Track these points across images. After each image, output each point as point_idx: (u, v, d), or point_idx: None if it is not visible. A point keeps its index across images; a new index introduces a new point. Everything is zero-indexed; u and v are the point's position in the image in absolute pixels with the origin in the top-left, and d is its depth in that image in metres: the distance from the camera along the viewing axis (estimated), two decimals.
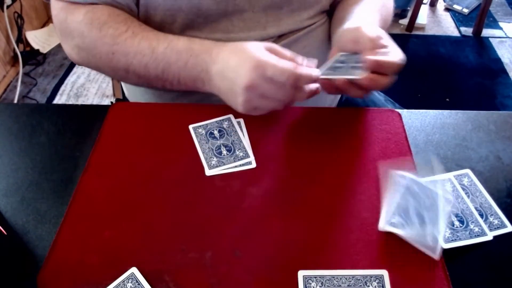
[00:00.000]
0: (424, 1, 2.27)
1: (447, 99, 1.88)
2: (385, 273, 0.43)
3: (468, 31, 2.29)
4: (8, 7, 1.89)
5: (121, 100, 0.91)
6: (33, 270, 0.44)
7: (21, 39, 2.00)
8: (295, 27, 0.68)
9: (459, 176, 0.53)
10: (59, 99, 1.86)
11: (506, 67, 2.05)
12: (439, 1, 2.52)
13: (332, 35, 0.69)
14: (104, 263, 0.45)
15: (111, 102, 0.76)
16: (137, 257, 0.45)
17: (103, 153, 0.55)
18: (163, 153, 0.55)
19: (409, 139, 0.58)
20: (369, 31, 0.55)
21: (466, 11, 2.42)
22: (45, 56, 2.07)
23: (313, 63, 0.55)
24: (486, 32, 2.27)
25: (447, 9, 2.48)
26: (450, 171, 0.53)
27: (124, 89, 0.87)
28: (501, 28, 2.32)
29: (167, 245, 0.46)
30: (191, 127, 0.58)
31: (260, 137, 0.57)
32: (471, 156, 0.56)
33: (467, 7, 2.44)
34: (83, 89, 1.92)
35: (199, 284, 0.43)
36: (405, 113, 0.62)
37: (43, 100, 1.85)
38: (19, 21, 1.97)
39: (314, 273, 0.43)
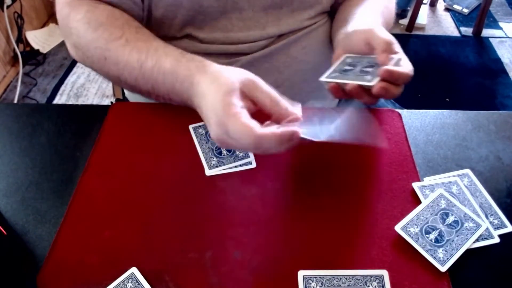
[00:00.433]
0: (424, 1, 2.26)
1: (447, 99, 1.88)
2: (385, 273, 0.43)
3: (468, 31, 2.29)
4: (8, 7, 1.89)
5: (121, 100, 0.91)
6: (33, 270, 0.44)
7: (21, 39, 2.00)
8: (295, 27, 0.68)
9: (459, 176, 0.53)
10: (59, 99, 1.86)
11: (506, 67, 2.05)
12: (439, 1, 2.52)
13: (334, 36, 0.68)
14: (104, 263, 0.45)
15: (111, 102, 0.76)
16: (137, 257, 0.45)
17: (103, 153, 0.55)
18: (163, 153, 0.55)
19: (409, 139, 0.58)
20: (383, 33, 0.54)
21: (466, 11, 2.42)
22: (45, 56, 2.07)
23: (297, 109, 0.48)
24: (486, 32, 2.27)
25: (447, 9, 2.48)
26: (450, 171, 0.53)
27: (124, 89, 0.87)
28: (501, 28, 2.32)
29: (167, 245, 0.46)
30: (191, 127, 0.58)
31: None
32: (471, 156, 0.56)
33: (467, 7, 2.43)
34: (83, 89, 1.92)
35: (199, 284, 0.43)
36: (405, 113, 0.62)
37: (43, 100, 1.85)
38: (19, 21, 1.97)
39: (314, 273, 0.43)
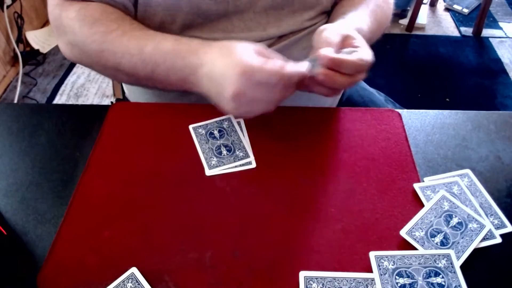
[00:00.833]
0: (424, 1, 2.26)
1: (447, 99, 1.88)
2: None
3: (468, 31, 2.29)
4: (8, 7, 1.89)
5: (121, 100, 0.91)
6: (33, 270, 0.44)
7: (21, 39, 2.00)
8: (296, 28, 0.68)
9: (459, 176, 0.53)
10: (59, 99, 1.86)
11: (506, 67, 2.05)
12: (439, 1, 2.52)
13: None
14: (104, 263, 0.45)
15: (111, 102, 0.76)
16: (137, 257, 0.45)
17: (103, 153, 0.55)
18: (163, 153, 0.55)
19: (409, 139, 0.58)
20: (329, 33, 0.54)
21: (466, 11, 2.42)
22: (45, 56, 2.07)
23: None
24: (486, 32, 2.27)
25: (447, 9, 2.48)
26: (450, 171, 0.54)
27: (124, 89, 0.87)
28: (501, 28, 2.32)
29: (167, 245, 0.46)
30: (191, 127, 0.58)
31: (260, 137, 0.57)
32: (471, 156, 0.56)
33: (467, 7, 2.44)
34: (83, 89, 1.92)
35: (199, 284, 0.43)
36: (405, 113, 0.62)
37: (43, 100, 1.85)
38: (19, 21, 1.97)
39: (315, 274, 0.43)
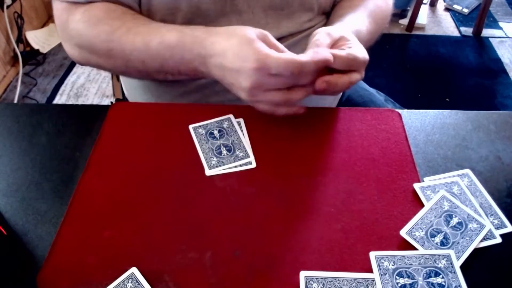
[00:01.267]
0: (424, 1, 2.26)
1: (447, 99, 1.88)
2: None
3: (468, 31, 2.29)
4: (8, 7, 1.89)
5: (121, 100, 0.91)
6: (33, 270, 0.44)
7: (21, 39, 2.00)
8: (295, 29, 0.68)
9: (459, 176, 0.53)
10: (59, 99, 1.86)
11: (506, 67, 2.05)
12: (439, 1, 2.52)
13: None
14: (104, 263, 0.45)
15: (111, 102, 0.76)
16: (137, 257, 0.45)
17: (103, 153, 0.55)
18: (163, 153, 0.55)
19: (409, 139, 0.58)
20: (320, 36, 0.54)
21: (466, 11, 2.42)
22: (45, 56, 2.07)
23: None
24: (486, 32, 2.27)
25: (447, 9, 2.48)
26: (450, 171, 0.53)
27: (123, 89, 0.87)
28: (501, 28, 2.32)
29: (167, 245, 0.46)
30: (191, 127, 0.58)
31: (260, 137, 0.57)
32: (471, 156, 0.56)
33: (467, 7, 2.44)
34: (83, 89, 1.92)
35: (199, 284, 0.43)
36: (405, 113, 0.62)
37: (43, 100, 1.85)
38: (19, 21, 1.97)
39: (315, 274, 0.43)
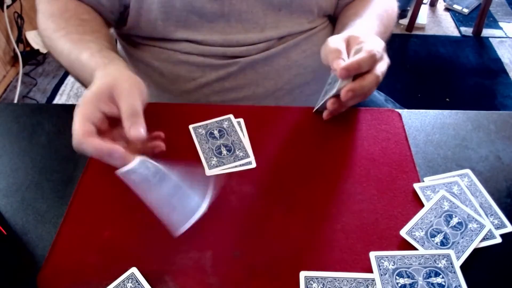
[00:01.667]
0: (424, 1, 2.26)
1: (447, 99, 1.88)
2: None
3: (468, 31, 2.29)
4: (8, 7, 1.89)
5: None
6: (33, 270, 0.44)
7: (21, 39, 2.00)
8: (295, 30, 0.68)
9: (459, 176, 0.53)
10: (59, 99, 1.86)
11: (506, 67, 2.05)
12: (439, 1, 2.52)
13: None
14: (104, 263, 0.45)
15: None
16: (137, 257, 0.45)
17: None
18: (163, 153, 0.55)
19: (409, 139, 0.58)
20: (333, 43, 0.54)
21: (466, 11, 2.42)
22: (45, 56, 2.07)
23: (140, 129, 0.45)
24: (486, 32, 2.27)
25: (447, 9, 2.48)
26: (450, 171, 0.53)
27: None
28: (501, 28, 2.32)
29: (167, 245, 0.46)
30: (191, 127, 0.58)
31: (260, 137, 0.57)
32: (471, 156, 0.56)
33: (467, 7, 2.43)
34: (83, 89, 1.91)
35: (199, 284, 0.43)
36: (405, 113, 0.62)
37: (43, 100, 1.85)
38: (19, 21, 1.97)
39: (315, 274, 0.43)
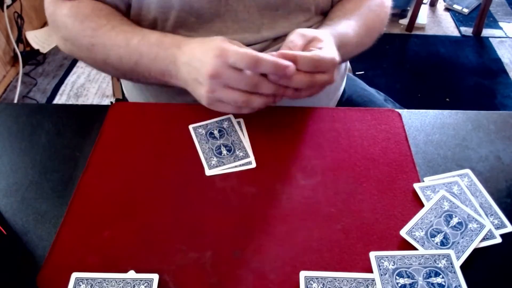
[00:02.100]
0: (424, 1, 2.26)
1: (447, 99, 1.88)
2: None
3: (468, 31, 2.29)
4: (8, 7, 1.89)
5: (121, 100, 0.91)
6: (33, 270, 0.44)
7: (21, 39, 2.00)
8: (291, 30, 0.68)
9: (459, 176, 0.53)
10: (59, 99, 1.86)
11: (506, 67, 2.05)
12: (439, 1, 2.52)
13: None
14: (104, 263, 0.45)
15: (111, 102, 0.76)
16: (137, 257, 0.45)
17: (103, 153, 0.55)
18: (163, 153, 0.55)
19: (409, 139, 0.58)
20: (293, 37, 0.56)
21: (466, 11, 2.42)
22: (45, 56, 2.07)
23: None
24: (486, 32, 2.27)
25: (447, 9, 2.48)
26: (450, 171, 0.53)
27: (123, 89, 0.87)
28: (501, 28, 2.32)
29: (167, 245, 0.46)
30: (191, 127, 0.58)
31: (260, 137, 0.57)
32: (471, 156, 0.56)
33: (467, 7, 2.44)
34: (83, 89, 1.92)
35: (199, 284, 0.43)
36: (405, 113, 0.62)
37: (43, 100, 1.85)
38: (19, 21, 1.97)
39: (315, 274, 0.43)
